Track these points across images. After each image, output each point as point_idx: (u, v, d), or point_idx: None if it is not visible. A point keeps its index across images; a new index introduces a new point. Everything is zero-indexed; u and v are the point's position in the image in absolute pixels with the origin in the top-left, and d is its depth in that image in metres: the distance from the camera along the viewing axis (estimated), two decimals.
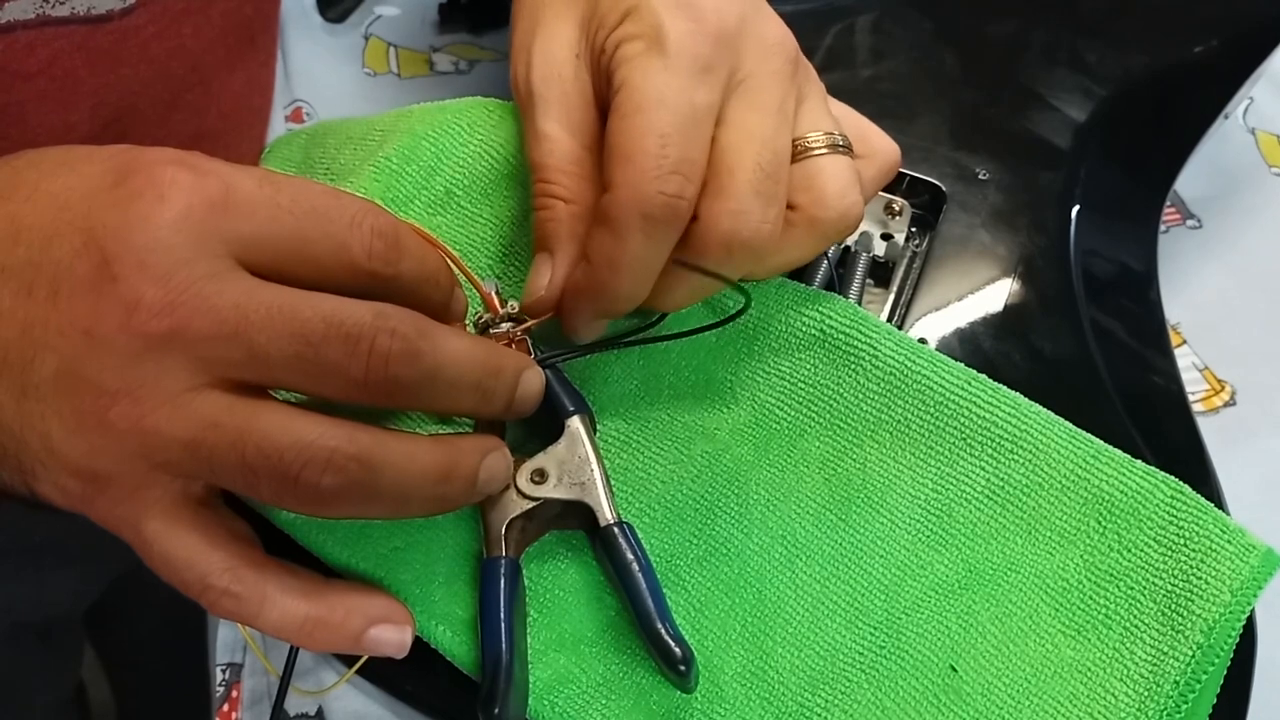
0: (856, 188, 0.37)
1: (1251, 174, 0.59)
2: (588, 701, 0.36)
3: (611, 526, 0.37)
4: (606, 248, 0.34)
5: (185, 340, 0.29)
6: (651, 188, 0.33)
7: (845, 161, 0.37)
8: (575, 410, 0.38)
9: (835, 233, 0.37)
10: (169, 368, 0.29)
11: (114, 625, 0.70)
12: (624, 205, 0.33)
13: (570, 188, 0.37)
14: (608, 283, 0.35)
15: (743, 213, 0.34)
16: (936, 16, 0.53)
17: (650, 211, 0.33)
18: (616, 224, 0.34)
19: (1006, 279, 0.45)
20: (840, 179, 0.37)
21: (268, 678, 0.43)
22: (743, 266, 0.36)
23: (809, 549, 0.38)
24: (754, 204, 0.34)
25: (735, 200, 0.34)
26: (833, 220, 0.36)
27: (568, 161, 0.37)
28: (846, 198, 0.36)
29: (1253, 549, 0.36)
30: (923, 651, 0.37)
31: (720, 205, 0.34)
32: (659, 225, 0.34)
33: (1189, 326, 0.53)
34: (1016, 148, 0.49)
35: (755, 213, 0.34)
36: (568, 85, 0.38)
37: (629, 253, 0.34)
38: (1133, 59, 0.52)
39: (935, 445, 0.39)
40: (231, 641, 0.45)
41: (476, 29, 0.63)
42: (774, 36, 0.37)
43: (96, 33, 0.42)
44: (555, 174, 0.37)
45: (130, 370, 0.29)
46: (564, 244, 0.36)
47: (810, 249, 0.37)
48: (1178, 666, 0.35)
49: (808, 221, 0.36)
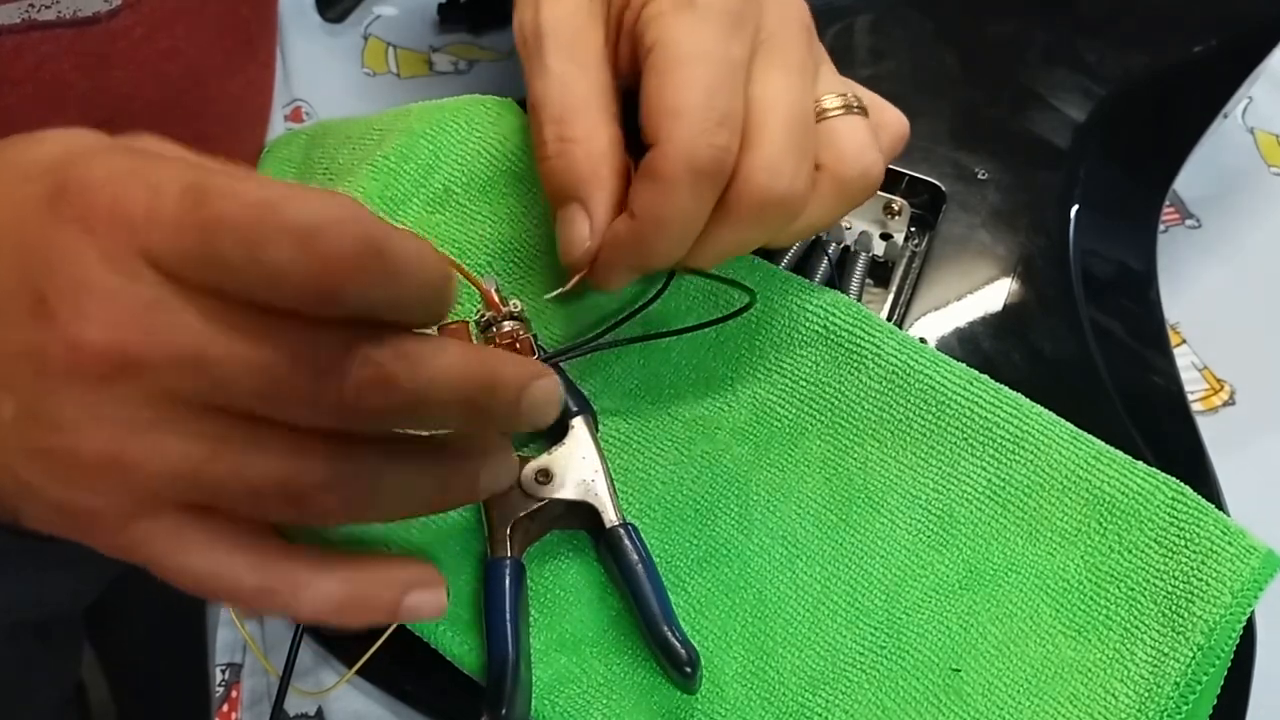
0: (875, 147, 0.37)
1: (1251, 174, 0.59)
2: (589, 701, 0.36)
3: (617, 528, 0.37)
4: (655, 203, 0.34)
5: (141, 373, 0.26)
6: (700, 141, 0.33)
7: (863, 121, 0.37)
8: (579, 410, 0.38)
9: (858, 191, 0.37)
10: (130, 400, 0.27)
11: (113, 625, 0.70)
12: (674, 160, 0.33)
13: (587, 130, 0.36)
14: (653, 238, 0.34)
15: (777, 168, 0.34)
16: (936, 16, 0.53)
17: (700, 165, 0.33)
18: (666, 179, 0.33)
19: (1006, 279, 0.45)
20: (859, 138, 0.37)
21: (268, 678, 0.43)
22: (773, 224, 0.35)
23: (809, 549, 0.38)
24: (788, 159, 0.34)
25: (769, 156, 0.34)
26: (856, 178, 0.37)
27: (584, 101, 0.36)
28: (867, 156, 0.37)
29: (1254, 550, 0.36)
30: (923, 652, 0.37)
31: (755, 160, 0.34)
32: (707, 179, 0.33)
33: (1189, 326, 0.53)
34: (1016, 148, 0.49)
35: (789, 168, 0.34)
36: (580, 28, 0.37)
37: (677, 208, 0.34)
38: (1132, 59, 0.52)
39: (936, 445, 0.39)
40: (231, 641, 0.45)
41: (476, 29, 0.63)
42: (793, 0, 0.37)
43: (84, 36, 0.41)
44: (571, 113, 0.36)
45: (92, 406, 0.27)
46: (594, 191, 0.35)
47: (834, 210, 0.37)
48: (1178, 668, 0.35)
49: (832, 180, 0.37)
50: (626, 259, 0.35)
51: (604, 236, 0.35)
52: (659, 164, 0.33)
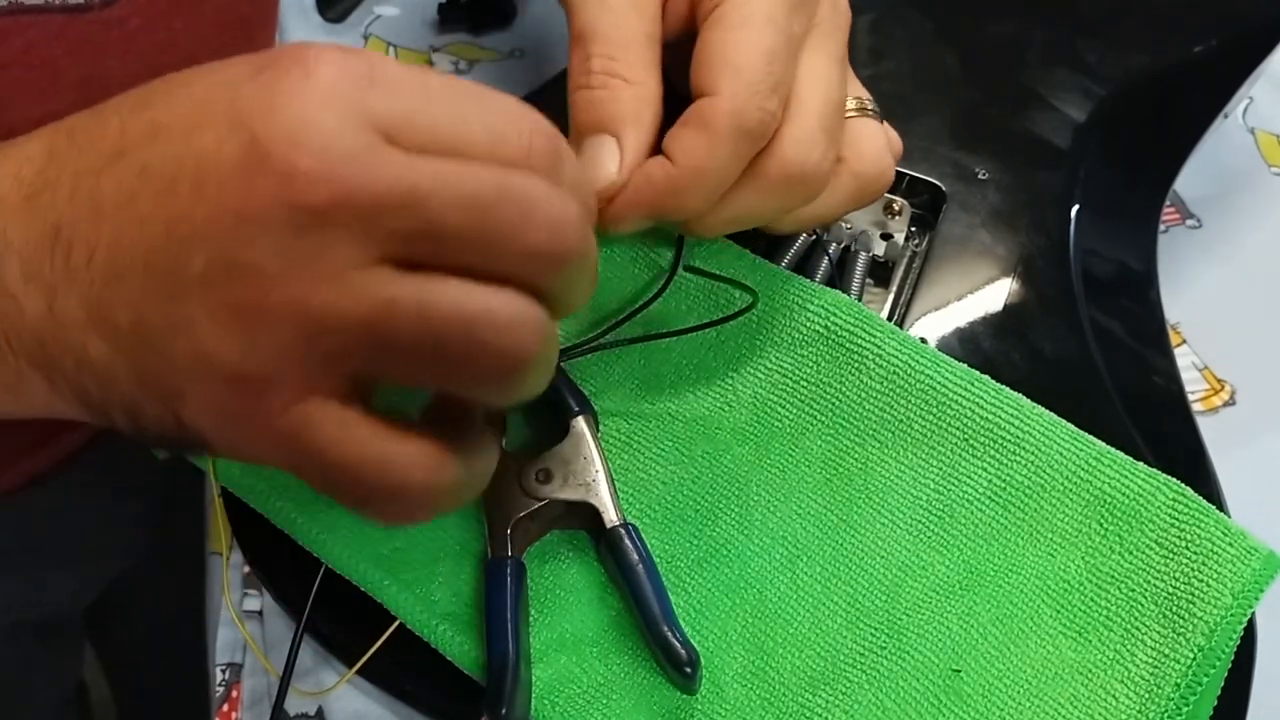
0: (889, 150, 0.39)
1: (1251, 174, 0.59)
2: (589, 701, 0.36)
3: (618, 528, 0.37)
4: (698, 152, 0.34)
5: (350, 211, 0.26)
6: (754, 102, 0.34)
7: (879, 126, 0.39)
8: (580, 410, 0.38)
9: (872, 190, 0.39)
10: (333, 242, 0.26)
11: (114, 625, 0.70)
12: (726, 114, 0.34)
13: (635, 69, 0.36)
14: (687, 186, 0.35)
15: (810, 143, 0.35)
16: (936, 16, 0.53)
17: (748, 125, 0.34)
18: (714, 131, 0.34)
19: (1006, 279, 0.45)
20: (877, 140, 0.39)
21: (268, 678, 0.43)
22: (794, 199, 0.36)
23: (810, 549, 0.38)
24: (820, 138, 0.35)
25: (806, 130, 0.35)
26: (872, 177, 0.38)
27: (637, 41, 0.36)
28: (884, 157, 0.39)
29: (1254, 552, 0.36)
30: (924, 652, 0.37)
31: (792, 132, 0.35)
32: (750, 139, 0.34)
33: (1189, 326, 0.53)
34: (1016, 148, 0.49)
35: (820, 147, 0.35)
36: None
37: (717, 160, 0.34)
38: (1133, 59, 0.52)
39: (937, 446, 0.39)
40: (231, 641, 0.45)
41: (476, 29, 0.63)
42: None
43: (75, 22, 0.41)
44: (623, 50, 0.36)
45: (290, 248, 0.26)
46: (630, 129, 0.35)
47: (845, 204, 0.39)
48: (1179, 669, 0.35)
49: (851, 175, 0.38)
50: (653, 202, 0.35)
51: (634, 176, 0.35)
52: (710, 114, 0.34)
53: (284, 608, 0.41)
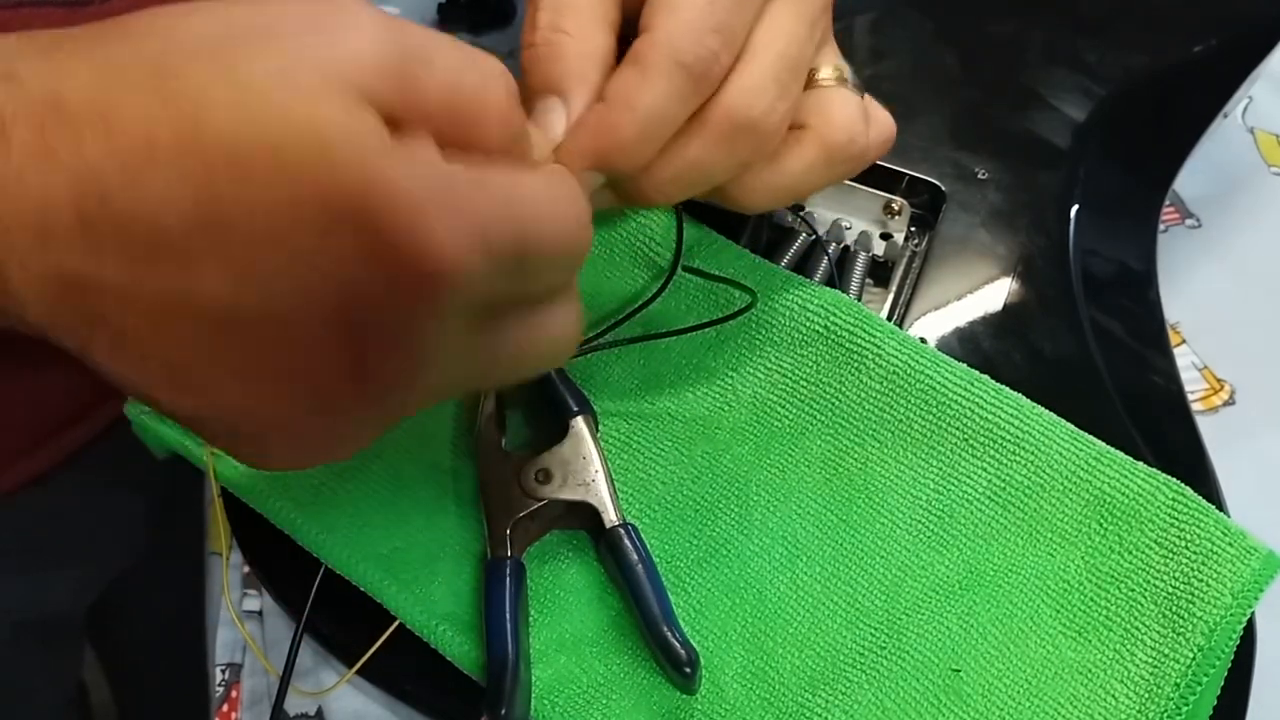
0: (864, 121, 0.37)
1: (1251, 173, 0.59)
2: (589, 701, 0.36)
3: (617, 528, 0.37)
4: (629, 87, 0.33)
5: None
6: (691, 38, 0.33)
7: (855, 96, 0.37)
8: (579, 410, 0.38)
9: (842, 159, 0.37)
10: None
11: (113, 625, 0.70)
12: (659, 47, 0.33)
13: (584, 29, 0.34)
14: (619, 125, 0.33)
15: (756, 90, 0.34)
16: (936, 16, 0.53)
17: (685, 60, 0.33)
18: (646, 65, 0.33)
19: (1006, 279, 0.45)
20: (850, 108, 0.37)
21: (268, 678, 0.43)
22: (741, 152, 0.35)
23: (810, 549, 0.38)
24: (769, 88, 0.34)
25: (752, 78, 0.34)
26: (841, 144, 0.36)
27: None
28: (855, 126, 0.37)
29: (1254, 552, 0.36)
30: (923, 652, 0.37)
31: (736, 80, 0.34)
32: (689, 78, 0.33)
33: (1189, 326, 0.53)
34: (1016, 148, 0.49)
35: (768, 96, 0.34)
36: None
37: (651, 96, 0.33)
38: (1132, 59, 0.52)
39: (937, 446, 0.39)
40: (231, 641, 0.45)
41: (476, 29, 0.63)
42: None
43: (75, 16, 0.41)
44: (569, 7, 0.34)
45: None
46: (578, 88, 0.34)
47: (814, 172, 0.37)
48: (1178, 668, 0.35)
49: (817, 141, 0.36)
50: (592, 149, 0.33)
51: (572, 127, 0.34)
52: (642, 50, 0.33)
53: (284, 608, 0.41)
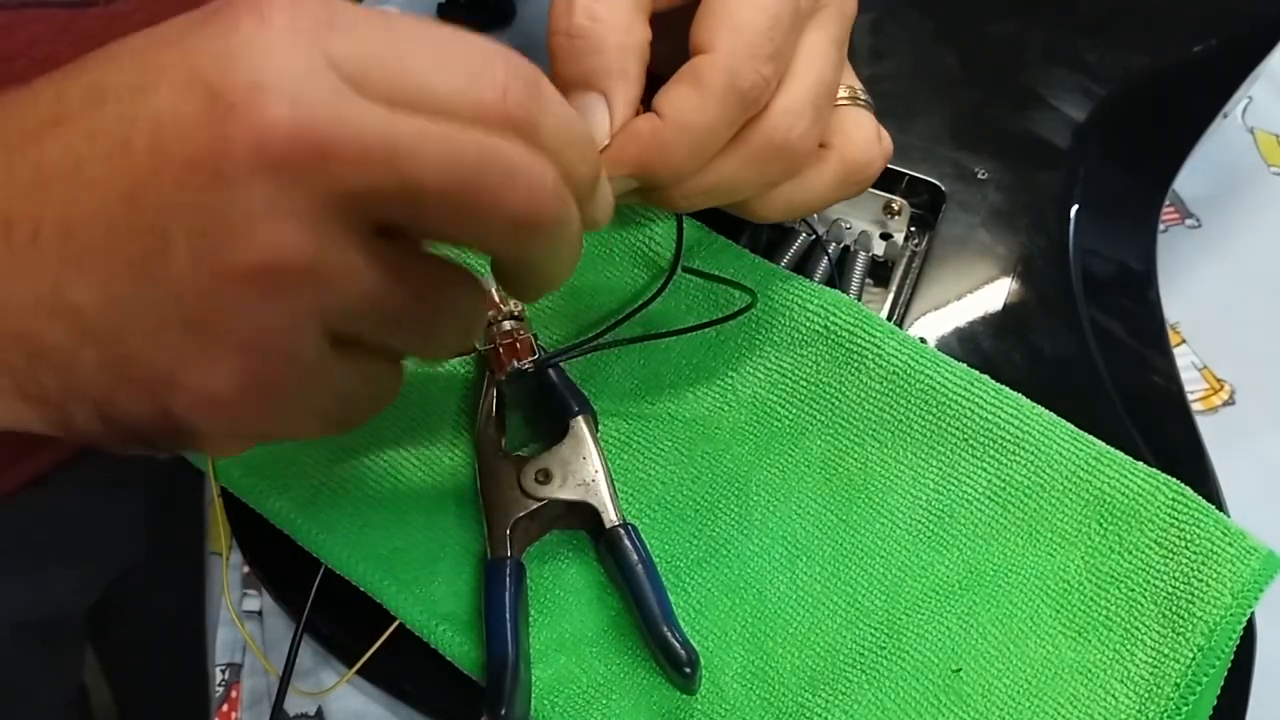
0: (879, 142, 0.38)
1: (1251, 173, 0.59)
2: (589, 701, 0.36)
3: (617, 528, 0.37)
4: (688, 108, 0.33)
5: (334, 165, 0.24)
6: (752, 64, 0.33)
7: (870, 116, 0.38)
8: (579, 410, 0.38)
9: (860, 178, 0.38)
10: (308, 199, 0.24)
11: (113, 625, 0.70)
12: (721, 71, 0.33)
13: (619, 12, 0.33)
14: (673, 144, 0.33)
15: (797, 114, 0.35)
16: (936, 16, 0.53)
17: (742, 85, 0.33)
18: (707, 87, 0.33)
19: (1006, 279, 0.45)
20: (868, 129, 0.38)
21: (267, 678, 0.43)
22: (773, 173, 0.36)
23: (809, 549, 0.38)
24: (808, 112, 0.35)
25: (795, 102, 0.35)
26: (861, 164, 0.38)
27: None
28: (873, 147, 0.38)
29: (1254, 552, 0.36)
30: (923, 652, 0.37)
31: (779, 103, 0.34)
32: (742, 102, 0.33)
33: (1188, 326, 0.53)
34: (1016, 148, 0.49)
35: (805, 122, 0.35)
36: None
37: (706, 119, 0.33)
38: (1132, 59, 0.52)
39: (937, 446, 0.39)
40: (231, 642, 0.45)
41: (476, 29, 0.63)
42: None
43: (81, 17, 0.41)
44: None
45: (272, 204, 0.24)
46: (618, 84, 0.33)
47: (831, 190, 0.38)
48: (1178, 669, 0.35)
49: (839, 161, 0.37)
50: (638, 160, 0.33)
51: (619, 133, 0.33)
52: (705, 70, 0.33)
53: (284, 608, 0.41)
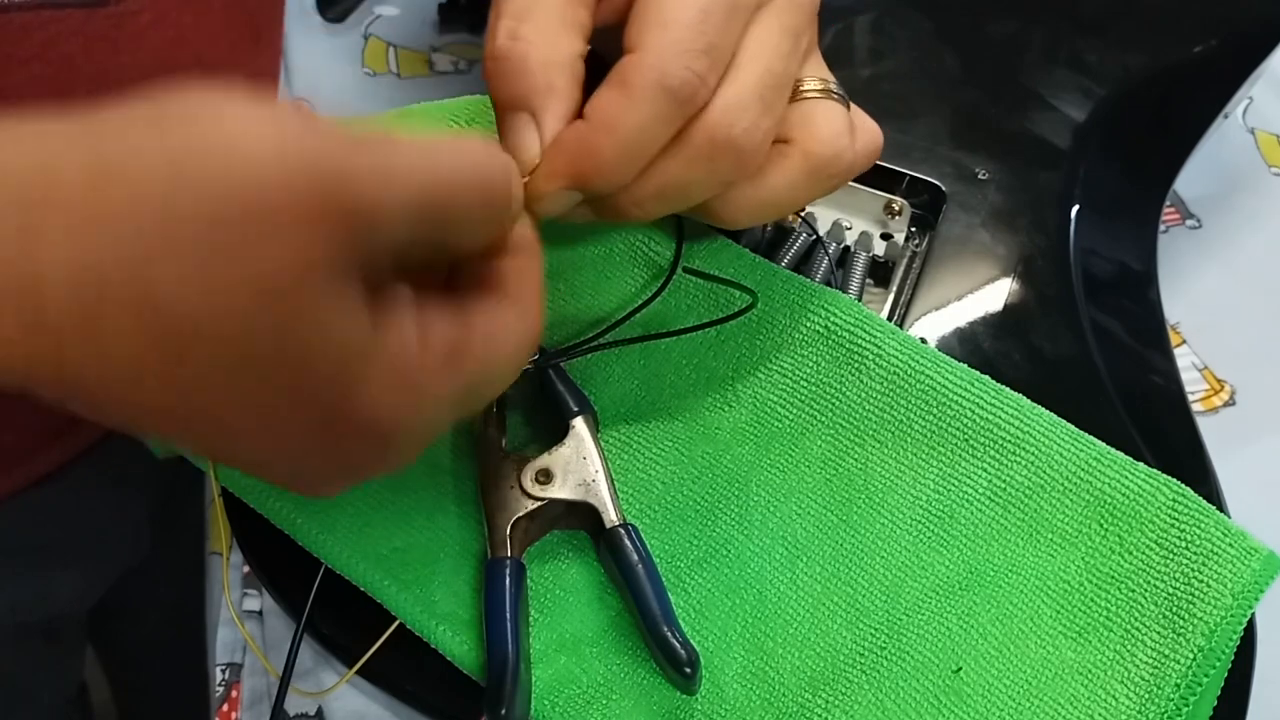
0: (849, 135, 0.36)
1: (1251, 174, 0.59)
2: (589, 701, 0.36)
3: (617, 528, 0.37)
4: (612, 109, 0.32)
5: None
6: (680, 60, 0.32)
7: (840, 109, 0.37)
8: (579, 410, 0.38)
9: (828, 176, 0.36)
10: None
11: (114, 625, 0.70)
12: (646, 70, 0.32)
13: (546, 34, 0.33)
14: (600, 146, 0.32)
15: (739, 109, 0.33)
16: (936, 16, 0.53)
17: (671, 84, 0.32)
18: (631, 87, 0.32)
19: (1006, 279, 0.45)
20: (836, 121, 0.36)
21: (268, 678, 0.43)
22: (721, 171, 0.34)
23: (810, 549, 0.38)
24: (753, 105, 0.33)
25: (736, 96, 0.33)
26: (827, 157, 0.36)
27: (549, 2, 0.33)
28: (841, 139, 0.36)
29: (1255, 552, 0.36)
30: (923, 652, 0.37)
31: (720, 98, 0.33)
32: (673, 102, 0.32)
33: (1189, 326, 0.53)
34: (1016, 148, 0.49)
35: (749, 116, 0.33)
36: None
37: (633, 120, 0.32)
38: (1133, 59, 0.52)
39: (937, 446, 0.39)
40: (231, 641, 0.45)
41: (476, 29, 0.63)
42: None
43: (94, 18, 0.41)
44: (530, 11, 0.33)
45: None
46: (546, 101, 0.32)
47: (799, 188, 0.36)
48: (1179, 669, 0.35)
49: (802, 156, 0.36)
50: (570, 170, 0.32)
51: (548, 145, 0.33)
52: (629, 70, 0.32)
53: (284, 608, 0.41)
